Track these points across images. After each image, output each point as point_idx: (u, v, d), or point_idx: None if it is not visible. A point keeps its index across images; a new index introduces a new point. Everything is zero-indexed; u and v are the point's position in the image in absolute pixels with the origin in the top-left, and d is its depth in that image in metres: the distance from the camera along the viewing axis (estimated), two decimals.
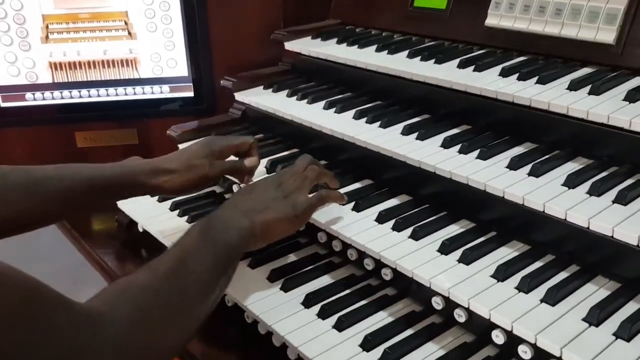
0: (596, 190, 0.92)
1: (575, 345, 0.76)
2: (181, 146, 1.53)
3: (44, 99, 1.71)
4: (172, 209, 1.38)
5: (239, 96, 1.59)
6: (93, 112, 1.75)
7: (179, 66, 1.72)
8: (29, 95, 1.71)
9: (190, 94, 1.75)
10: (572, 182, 0.95)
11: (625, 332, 0.77)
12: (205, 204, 1.39)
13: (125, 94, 1.73)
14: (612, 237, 0.84)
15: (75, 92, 1.72)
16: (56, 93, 1.71)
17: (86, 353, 0.68)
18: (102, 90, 1.72)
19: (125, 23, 1.67)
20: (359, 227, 1.07)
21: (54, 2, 1.64)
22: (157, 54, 1.70)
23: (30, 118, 1.73)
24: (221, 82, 1.63)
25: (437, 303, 0.94)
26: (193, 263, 0.87)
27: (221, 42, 1.73)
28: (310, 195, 1.07)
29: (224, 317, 1.08)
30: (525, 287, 0.87)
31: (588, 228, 0.87)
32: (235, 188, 1.38)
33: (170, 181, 1.14)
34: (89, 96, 1.72)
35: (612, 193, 0.91)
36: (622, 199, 0.89)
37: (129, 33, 1.67)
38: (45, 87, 1.70)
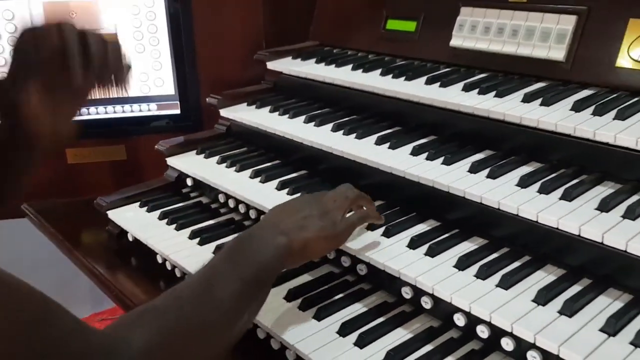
0: (545, 189, 1.03)
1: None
2: (169, 160, 1.63)
3: None
4: (161, 218, 1.47)
5: (224, 112, 1.69)
6: (83, 130, 1.83)
7: (166, 85, 1.82)
8: None
9: (177, 111, 1.85)
10: (524, 182, 1.06)
11: (567, 310, 0.88)
12: (192, 213, 1.48)
13: (115, 112, 1.83)
14: (557, 228, 0.95)
15: None
16: None
17: None
18: (92, 109, 1.82)
19: None
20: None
21: None
22: (145, 74, 1.80)
23: None
24: (207, 99, 1.73)
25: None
26: (219, 287, 0.83)
27: (206, 62, 1.84)
28: (350, 214, 1.06)
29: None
30: (482, 274, 0.97)
31: (537, 221, 0.98)
32: (221, 197, 1.48)
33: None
34: (80, 114, 1.80)
35: (559, 191, 1.02)
36: (568, 196, 1.00)
37: None
38: None
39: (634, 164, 1.03)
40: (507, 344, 0.89)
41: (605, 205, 0.96)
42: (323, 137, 1.40)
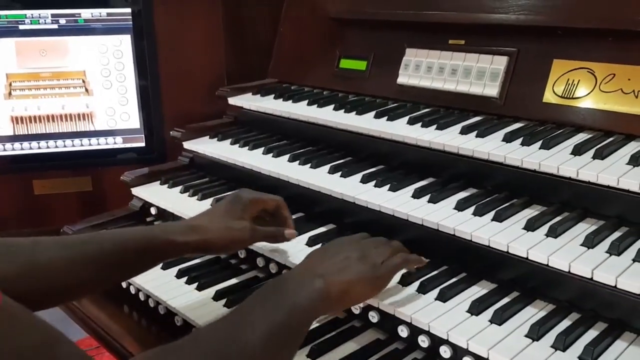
0: (479, 212, 1.15)
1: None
2: (134, 190, 1.70)
3: (4, 149, 1.86)
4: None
5: (187, 145, 1.78)
6: (51, 162, 1.90)
7: (132, 119, 1.91)
8: None
9: (142, 144, 1.93)
10: (461, 206, 1.17)
11: (497, 319, 0.98)
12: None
13: (82, 145, 1.90)
14: (489, 246, 1.06)
15: (34, 144, 1.88)
16: (16, 144, 1.87)
17: None
18: (60, 142, 1.89)
19: (83, 81, 1.86)
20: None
21: (17, 62, 1.81)
22: (112, 108, 1.88)
23: None
24: (171, 132, 1.81)
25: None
26: (246, 330, 0.78)
27: (171, 97, 1.93)
28: (391, 258, 1.03)
29: None
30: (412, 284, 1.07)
31: (471, 240, 1.09)
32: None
33: (206, 241, 1.10)
34: (47, 147, 1.88)
35: (492, 214, 1.14)
36: (499, 217, 1.12)
37: (86, 90, 1.86)
38: (6, 139, 1.85)
39: (558, 188, 1.15)
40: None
41: (531, 226, 1.07)
42: (280, 167, 1.50)
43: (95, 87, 1.85)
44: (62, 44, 1.81)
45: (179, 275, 1.36)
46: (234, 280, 1.34)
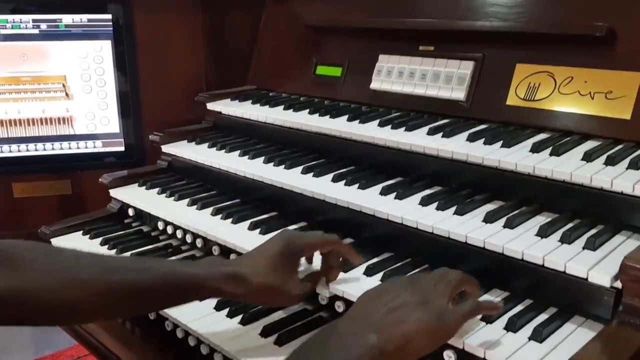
0: (442, 207, 1.18)
1: None
2: (112, 192, 1.73)
3: None
4: (102, 244, 1.55)
5: (166, 148, 1.81)
6: (30, 165, 1.93)
7: (112, 124, 1.94)
8: None
9: (122, 148, 1.97)
10: (425, 202, 1.22)
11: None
12: (133, 239, 1.58)
13: (61, 149, 1.93)
14: (449, 237, 1.11)
15: (14, 147, 1.90)
16: None
17: None
18: (40, 145, 1.92)
19: (64, 85, 1.89)
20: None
21: None
22: (92, 113, 1.92)
23: None
24: (150, 136, 1.85)
25: None
26: None
27: (150, 102, 1.97)
28: (460, 305, 0.87)
29: None
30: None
31: (432, 232, 1.13)
32: (160, 224, 1.58)
33: (245, 294, 1.02)
34: (27, 150, 1.91)
35: (453, 208, 1.18)
36: (460, 212, 1.16)
37: (67, 94, 1.90)
38: None
39: (517, 185, 1.20)
40: None
41: (489, 218, 1.12)
42: (255, 168, 1.53)
43: (75, 92, 1.89)
44: (43, 49, 1.85)
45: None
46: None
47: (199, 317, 1.17)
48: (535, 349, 0.88)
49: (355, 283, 1.11)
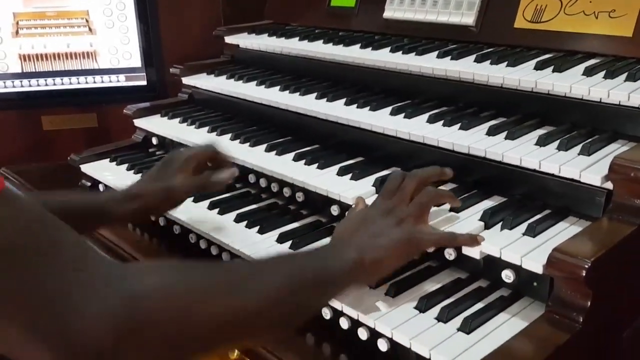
0: (448, 123, 1.25)
1: None
2: (136, 122, 1.81)
3: (14, 86, 1.97)
4: (129, 169, 1.64)
5: (186, 80, 1.88)
6: (57, 99, 2.01)
7: (134, 58, 2.01)
8: (0, 83, 1.97)
9: (144, 82, 2.04)
10: (432, 119, 1.27)
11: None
12: None
13: (86, 83, 2.01)
14: (468, 153, 1.17)
15: (42, 81, 1.98)
16: (25, 81, 1.98)
17: (91, 299, 0.61)
18: (66, 79, 1.99)
19: (86, 20, 1.95)
20: None
21: (23, 1, 1.91)
22: (114, 47, 1.98)
23: (2, 103, 1.99)
24: (171, 69, 1.92)
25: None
26: (263, 276, 0.78)
27: (170, 37, 2.03)
28: (436, 232, 0.99)
29: None
30: None
31: (451, 148, 1.19)
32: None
33: (145, 206, 1.15)
34: (54, 84, 1.99)
35: (459, 124, 1.24)
36: (466, 126, 1.22)
37: (90, 29, 1.96)
38: (15, 76, 1.96)
39: (521, 101, 1.24)
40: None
41: (492, 132, 1.17)
42: (271, 96, 1.60)
43: (98, 27, 1.95)
44: None
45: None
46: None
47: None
48: (527, 242, 0.95)
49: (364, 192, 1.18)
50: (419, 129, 1.25)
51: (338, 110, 1.42)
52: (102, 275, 0.64)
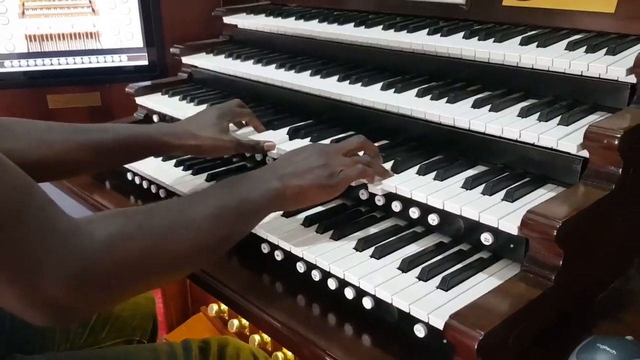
0: (436, 97, 1.29)
1: None
2: (138, 100, 1.87)
3: (20, 66, 2.03)
4: None
5: (186, 59, 1.93)
6: (62, 78, 2.06)
7: (135, 38, 2.06)
8: (7, 62, 2.02)
9: (145, 62, 2.09)
10: (421, 94, 1.32)
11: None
12: None
13: (90, 62, 2.06)
14: (453, 125, 1.22)
15: (47, 61, 2.04)
16: (30, 61, 2.03)
17: (50, 254, 0.70)
18: (70, 59, 2.05)
19: (90, 1, 2.00)
20: None
21: None
22: (117, 28, 2.03)
23: (9, 82, 2.04)
24: (171, 49, 1.96)
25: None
26: (195, 208, 0.87)
27: (171, 18, 2.07)
28: (349, 169, 1.06)
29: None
30: None
31: (438, 121, 1.24)
32: None
33: (198, 146, 1.28)
34: (59, 64, 2.04)
35: (446, 98, 1.28)
36: (453, 100, 1.26)
37: (93, 10, 2.01)
38: (21, 56, 2.02)
39: (507, 76, 1.29)
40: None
41: (477, 104, 1.22)
42: (268, 73, 1.65)
43: (100, 7, 2.00)
44: None
45: (176, 164, 1.53)
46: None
47: None
48: (505, 207, 1.00)
49: None
50: (408, 103, 1.29)
51: (331, 86, 1.47)
52: (60, 232, 0.72)
